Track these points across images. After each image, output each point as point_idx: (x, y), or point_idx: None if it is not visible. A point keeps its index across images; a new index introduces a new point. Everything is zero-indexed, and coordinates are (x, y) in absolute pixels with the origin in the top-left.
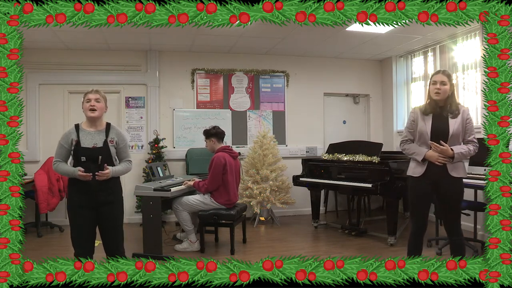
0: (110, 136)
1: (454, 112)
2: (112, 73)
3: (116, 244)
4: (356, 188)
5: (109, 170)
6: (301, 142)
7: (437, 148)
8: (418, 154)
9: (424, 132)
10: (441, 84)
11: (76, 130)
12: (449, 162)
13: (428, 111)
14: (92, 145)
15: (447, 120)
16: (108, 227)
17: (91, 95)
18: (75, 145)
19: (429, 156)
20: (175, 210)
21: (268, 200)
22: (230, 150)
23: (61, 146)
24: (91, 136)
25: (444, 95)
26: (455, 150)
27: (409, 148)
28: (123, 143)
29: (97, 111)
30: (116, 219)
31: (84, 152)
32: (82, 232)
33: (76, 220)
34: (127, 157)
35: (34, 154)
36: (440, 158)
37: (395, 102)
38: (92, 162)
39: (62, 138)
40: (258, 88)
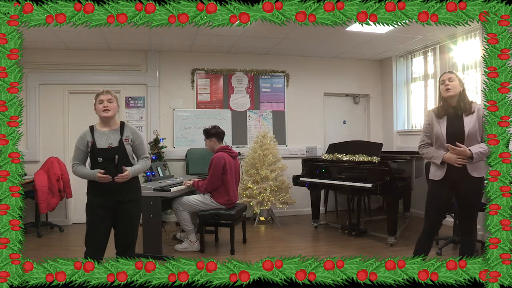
0: (125, 134)
1: (467, 109)
2: (112, 73)
3: (129, 244)
4: (356, 188)
5: (128, 171)
6: (301, 142)
7: (454, 150)
8: (436, 158)
9: (440, 135)
10: (450, 80)
11: (91, 131)
12: (469, 163)
13: (442, 114)
14: (107, 145)
15: (462, 120)
16: (124, 226)
17: (103, 96)
18: (91, 147)
19: (447, 158)
20: (175, 210)
21: (268, 200)
22: (229, 150)
23: (78, 149)
24: (106, 136)
25: (455, 90)
26: (473, 150)
27: (427, 152)
28: (138, 140)
29: (111, 111)
30: (133, 217)
31: (100, 153)
32: (97, 232)
33: (92, 220)
34: (144, 153)
35: (34, 154)
36: (458, 160)
37: (395, 102)
38: (109, 162)
39: (78, 141)
40: (258, 88)
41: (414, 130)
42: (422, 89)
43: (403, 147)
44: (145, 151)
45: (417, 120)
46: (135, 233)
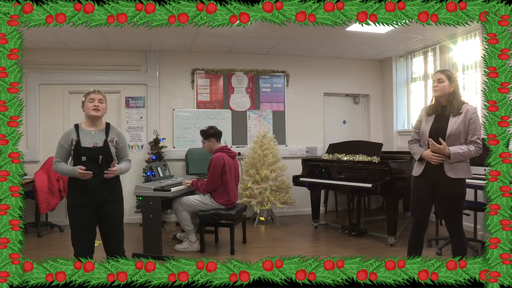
0: (110, 135)
1: (455, 109)
2: (112, 73)
3: (117, 244)
4: (356, 188)
5: (116, 167)
6: (301, 142)
7: (434, 147)
8: (416, 154)
9: (424, 133)
10: (438, 81)
11: (76, 130)
12: (446, 162)
13: (431, 112)
14: (92, 145)
15: (447, 119)
16: (109, 227)
17: (94, 95)
18: (75, 145)
19: (424, 155)
20: (175, 210)
21: (268, 200)
22: (228, 150)
23: (61, 146)
24: (91, 136)
25: (442, 91)
26: (451, 150)
27: (412, 148)
28: (123, 142)
29: (100, 111)
30: (116, 219)
31: (85, 152)
32: (82, 232)
33: (76, 220)
34: (127, 156)
35: (34, 154)
36: (434, 157)
37: (395, 102)
38: (93, 162)
39: (62, 138)
40: (258, 88)
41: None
42: (422, 89)
43: (403, 147)
44: (128, 154)
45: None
46: (122, 232)
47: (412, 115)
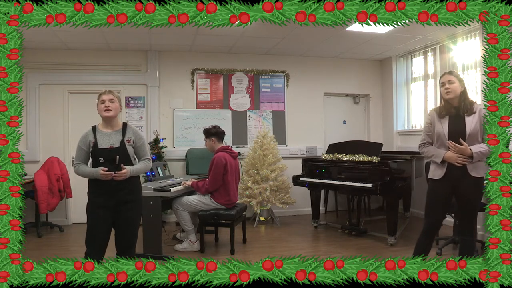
0: (127, 135)
1: (468, 109)
2: (112, 73)
3: (128, 244)
4: (356, 188)
5: (126, 169)
6: (301, 142)
7: (455, 148)
8: (437, 156)
9: (442, 134)
10: (449, 83)
11: (93, 131)
12: (469, 162)
13: (444, 113)
14: (109, 146)
15: (464, 120)
16: (124, 226)
17: (105, 96)
18: (93, 147)
19: (448, 157)
20: (175, 210)
21: (268, 200)
22: (230, 150)
23: (80, 149)
24: (108, 137)
25: (455, 93)
26: (473, 149)
27: (428, 150)
28: (140, 141)
29: (112, 111)
30: (133, 219)
31: (102, 153)
32: (97, 232)
33: (93, 220)
34: (146, 155)
35: (34, 154)
36: (459, 158)
37: (395, 102)
38: (110, 163)
39: (80, 141)
40: (258, 88)
41: (414, 130)
42: (422, 89)
43: (403, 147)
44: (147, 153)
45: (417, 120)
46: (136, 233)
47: (412, 115)
